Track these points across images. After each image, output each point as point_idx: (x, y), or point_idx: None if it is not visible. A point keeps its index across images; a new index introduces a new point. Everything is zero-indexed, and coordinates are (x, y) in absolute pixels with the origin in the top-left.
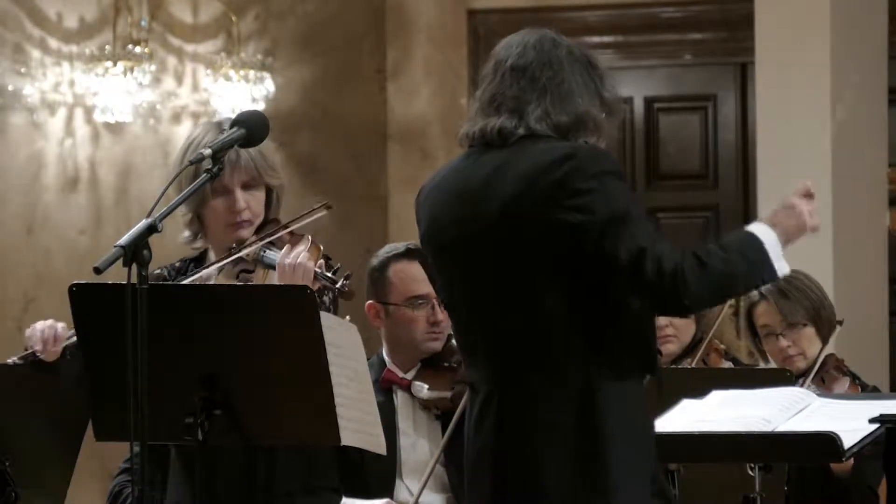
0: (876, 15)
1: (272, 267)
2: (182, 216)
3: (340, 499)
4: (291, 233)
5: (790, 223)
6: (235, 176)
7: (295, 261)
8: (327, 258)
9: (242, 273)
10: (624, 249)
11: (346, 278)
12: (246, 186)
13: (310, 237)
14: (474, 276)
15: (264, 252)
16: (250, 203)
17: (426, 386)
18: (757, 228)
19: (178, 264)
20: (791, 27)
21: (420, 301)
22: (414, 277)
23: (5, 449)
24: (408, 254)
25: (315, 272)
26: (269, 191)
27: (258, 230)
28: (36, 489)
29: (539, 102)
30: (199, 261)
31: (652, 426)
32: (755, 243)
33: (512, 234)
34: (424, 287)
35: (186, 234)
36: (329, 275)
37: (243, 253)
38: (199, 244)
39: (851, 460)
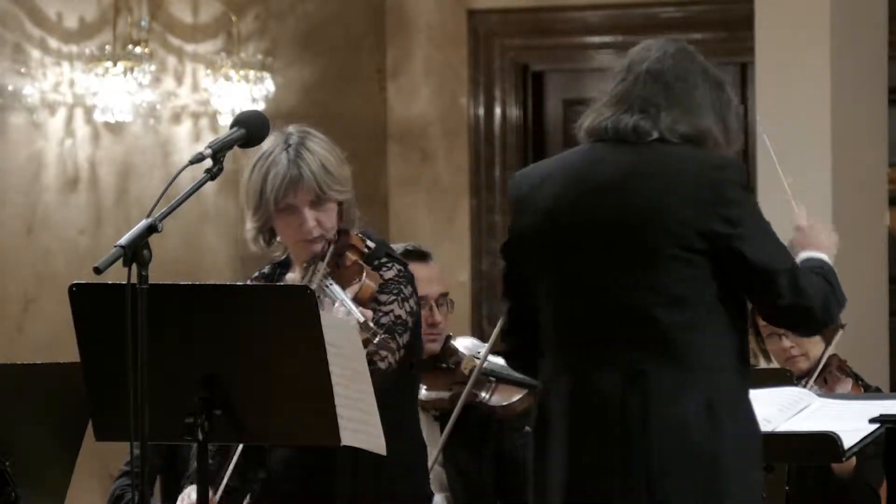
0: (876, 15)
1: (333, 301)
2: (247, 232)
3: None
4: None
5: (828, 243)
6: (300, 195)
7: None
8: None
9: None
10: (772, 262)
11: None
12: (313, 204)
13: (365, 276)
14: (605, 267)
15: (328, 285)
16: (320, 219)
17: (424, 387)
18: (818, 255)
19: (266, 270)
20: (791, 27)
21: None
22: None
23: (5, 449)
24: (406, 255)
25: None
26: (339, 204)
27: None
28: (36, 489)
29: (669, 111)
30: (286, 265)
31: (760, 444)
32: (832, 269)
33: (655, 231)
34: (423, 288)
35: (261, 243)
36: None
37: (312, 285)
38: (278, 252)
39: (853, 460)
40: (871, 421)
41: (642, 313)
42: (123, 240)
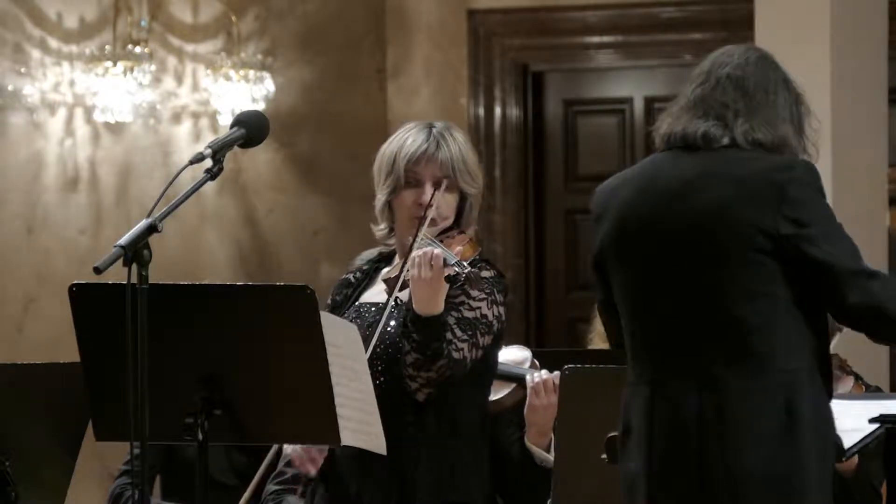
0: (876, 15)
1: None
2: (376, 202)
3: None
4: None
5: None
6: (429, 168)
7: (424, 273)
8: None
9: None
10: (841, 262)
11: (474, 266)
12: (438, 184)
13: (466, 243)
14: (674, 273)
15: (429, 241)
16: (439, 202)
17: None
18: None
19: (365, 267)
20: (791, 27)
21: None
22: None
23: (5, 449)
24: None
25: (450, 260)
26: (462, 198)
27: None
28: (36, 489)
29: (747, 118)
30: (388, 260)
31: (834, 438)
32: None
33: (721, 234)
34: None
35: (382, 226)
36: (462, 262)
37: (416, 253)
38: (391, 241)
39: (856, 459)
40: (871, 421)
41: (714, 317)
42: (123, 240)
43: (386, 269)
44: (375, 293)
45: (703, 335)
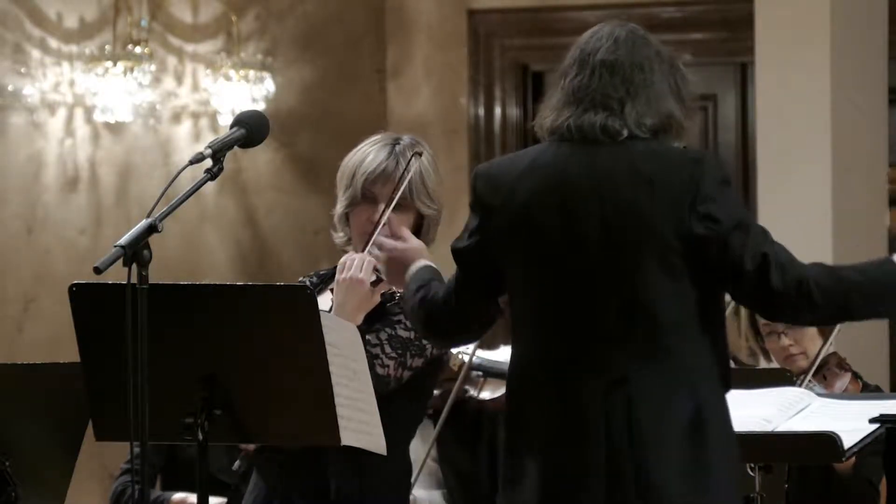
0: (876, 15)
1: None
2: (335, 212)
3: None
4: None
5: None
6: (386, 188)
7: (348, 274)
8: None
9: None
10: (748, 258)
11: None
12: (396, 204)
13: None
14: (588, 273)
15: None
16: (391, 221)
17: None
18: None
19: (322, 271)
20: (791, 27)
21: None
22: None
23: (5, 449)
24: None
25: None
26: (420, 218)
27: None
28: (36, 489)
29: (633, 104)
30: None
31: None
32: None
33: (635, 236)
34: None
35: (341, 234)
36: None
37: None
38: (350, 249)
39: (853, 458)
40: (871, 421)
41: (624, 315)
42: (123, 240)
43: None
44: (323, 301)
45: (612, 333)
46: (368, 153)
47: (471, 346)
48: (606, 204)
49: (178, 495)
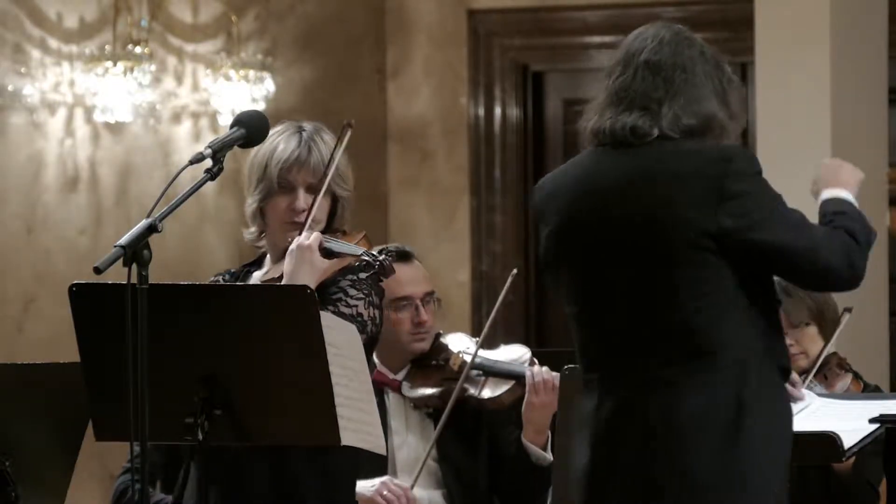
0: (876, 15)
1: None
2: (247, 207)
3: None
4: (344, 231)
5: (850, 179)
6: (302, 174)
7: (305, 241)
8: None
9: None
10: (788, 243)
11: (389, 255)
12: (311, 189)
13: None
14: (620, 276)
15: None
16: (312, 205)
17: (415, 385)
18: (839, 193)
19: (233, 270)
20: (791, 27)
21: (403, 303)
22: (396, 280)
23: (5, 449)
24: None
25: (359, 253)
26: (335, 201)
27: None
28: (36, 489)
29: (671, 104)
30: (257, 264)
31: (790, 434)
32: (853, 207)
33: (664, 235)
34: (407, 289)
35: (252, 229)
36: (373, 252)
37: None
38: (261, 244)
39: (852, 458)
40: (871, 421)
41: (660, 317)
42: (123, 240)
43: (258, 273)
44: None
45: (649, 335)
46: (278, 143)
47: (472, 346)
48: (636, 206)
49: None
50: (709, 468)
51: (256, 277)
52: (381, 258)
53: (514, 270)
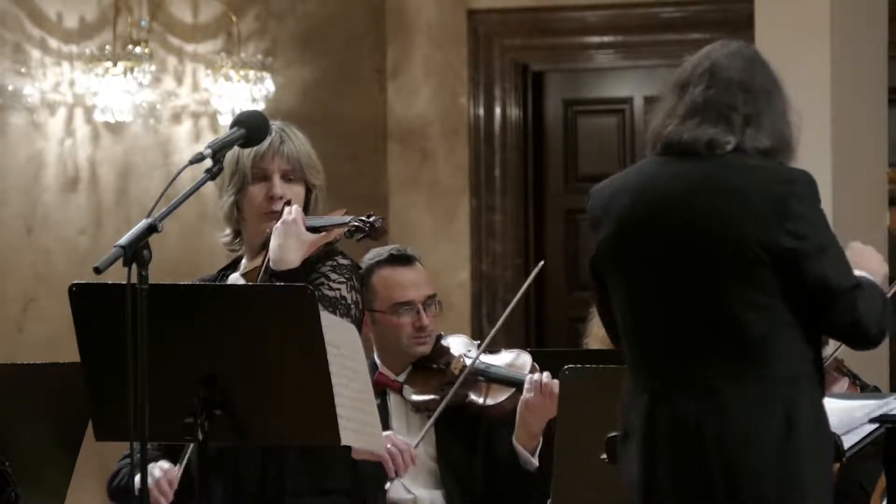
0: (876, 15)
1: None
2: (220, 208)
3: (351, 502)
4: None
5: (878, 268)
6: (276, 162)
7: (288, 216)
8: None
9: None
10: (835, 279)
11: (380, 218)
12: (286, 177)
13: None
14: (675, 284)
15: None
16: (286, 194)
17: (416, 389)
18: (862, 273)
19: (209, 275)
20: (791, 27)
21: (404, 307)
22: (398, 284)
23: (5, 449)
24: (391, 260)
25: (347, 221)
26: (308, 190)
27: None
28: (36, 489)
29: (755, 124)
30: (233, 267)
31: (832, 454)
32: (875, 285)
33: (723, 246)
34: (409, 293)
35: (226, 231)
36: (361, 217)
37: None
38: (236, 246)
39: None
40: (871, 421)
41: (715, 327)
42: (123, 240)
43: (235, 275)
44: None
45: (703, 345)
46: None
47: (473, 350)
48: (695, 216)
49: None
50: (760, 481)
51: (232, 280)
52: (370, 220)
53: (542, 262)
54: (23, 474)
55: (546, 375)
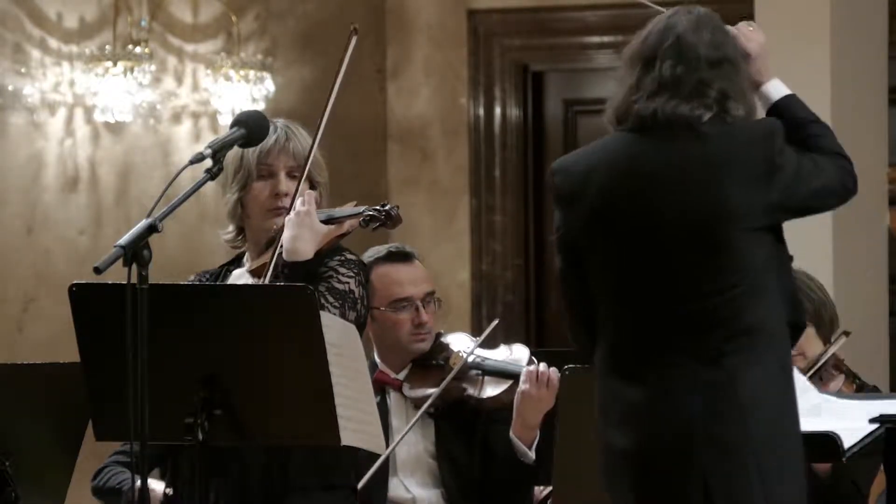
0: (876, 15)
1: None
2: (225, 204)
3: (356, 497)
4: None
5: (766, 55)
6: (282, 159)
7: (302, 207)
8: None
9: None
10: (824, 181)
11: (395, 206)
12: (291, 174)
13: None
14: (673, 260)
15: None
16: (292, 191)
17: (416, 385)
18: (780, 86)
19: (212, 270)
20: (791, 27)
21: (403, 304)
22: (396, 281)
23: (5, 449)
24: (389, 257)
25: (361, 210)
26: (312, 187)
27: None
28: (36, 489)
29: (731, 95)
30: (236, 262)
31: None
32: (799, 101)
33: (721, 219)
34: (407, 290)
35: (229, 229)
36: (376, 206)
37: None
38: (239, 243)
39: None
40: (871, 421)
41: (713, 297)
42: (123, 240)
43: (238, 271)
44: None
45: (699, 315)
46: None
47: (470, 344)
48: (684, 188)
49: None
50: (767, 436)
51: (236, 275)
52: (385, 208)
53: (496, 321)
54: (23, 474)
55: (543, 366)
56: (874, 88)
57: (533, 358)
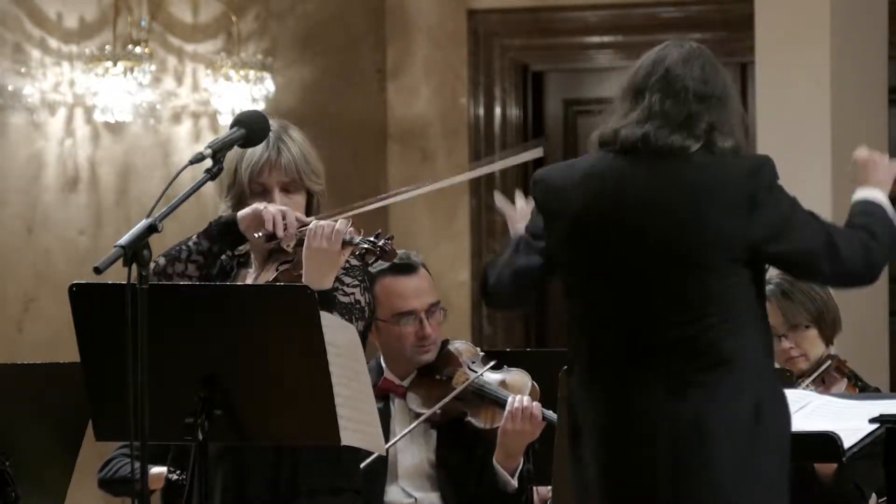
0: (876, 15)
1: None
2: (220, 213)
3: (362, 500)
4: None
5: (883, 177)
6: (274, 175)
7: (319, 243)
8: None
9: (282, 265)
10: (815, 245)
11: (389, 239)
12: (285, 189)
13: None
14: (650, 283)
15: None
16: (287, 205)
17: (418, 399)
18: (871, 194)
19: (223, 258)
20: (791, 27)
21: (406, 317)
22: (400, 294)
23: (5, 449)
24: (393, 269)
25: (355, 239)
26: (309, 196)
27: None
28: (36, 489)
29: (718, 128)
30: (243, 261)
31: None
32: (881, 209)
33: (701, 246)
34: (411, 303)
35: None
36: (371, 238)
37: (287, 246)
38: (240, 246)
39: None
40: (871, 421)
41: (687, 325)
42: (123, 240)
43: (249, 272)
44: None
45: (674, 343)
46: (245, 150)
47: (478, 363)
48: (670, 217)
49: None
50: (732, 469)
51: (243, 276)
52: (380, 243)
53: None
54: (23, 474)
55: (527, 399)
56: (874, 88)
57: (535, 386)
